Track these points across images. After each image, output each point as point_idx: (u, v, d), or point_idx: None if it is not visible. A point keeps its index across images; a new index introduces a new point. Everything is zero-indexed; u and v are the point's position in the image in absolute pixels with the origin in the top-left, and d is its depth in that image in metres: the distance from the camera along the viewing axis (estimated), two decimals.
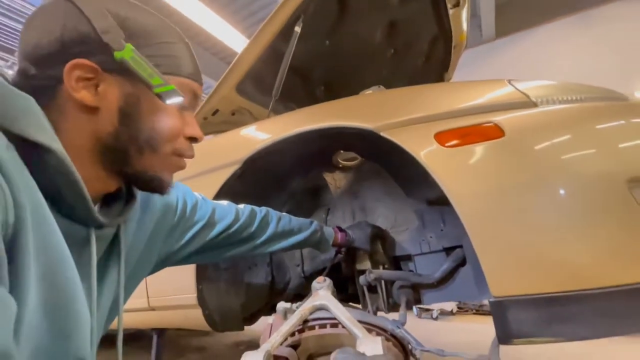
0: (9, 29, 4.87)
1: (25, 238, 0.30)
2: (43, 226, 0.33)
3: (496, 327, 0.66)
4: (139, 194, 0.51)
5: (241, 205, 0.78)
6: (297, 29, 1.28)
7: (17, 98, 0.34)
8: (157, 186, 0.46)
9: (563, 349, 1.92)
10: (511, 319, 0.64)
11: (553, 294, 0.64)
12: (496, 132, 0.69)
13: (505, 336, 0.65)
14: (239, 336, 2.74)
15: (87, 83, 0.38)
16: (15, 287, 0.29)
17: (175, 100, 0.43)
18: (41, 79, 0.38)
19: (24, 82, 0.38)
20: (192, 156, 0.49)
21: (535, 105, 0.72)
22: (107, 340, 0.53)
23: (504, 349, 0.81)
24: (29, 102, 0.35)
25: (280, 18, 1.25)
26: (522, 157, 0.67)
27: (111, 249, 0.47)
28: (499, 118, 0.70)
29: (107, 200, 0.47)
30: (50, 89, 0.38)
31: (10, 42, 5.08)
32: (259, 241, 0.77)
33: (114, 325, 0.50)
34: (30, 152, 0.33)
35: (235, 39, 4.97)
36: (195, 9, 4.31)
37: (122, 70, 0.39)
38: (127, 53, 0.38)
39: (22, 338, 0.29)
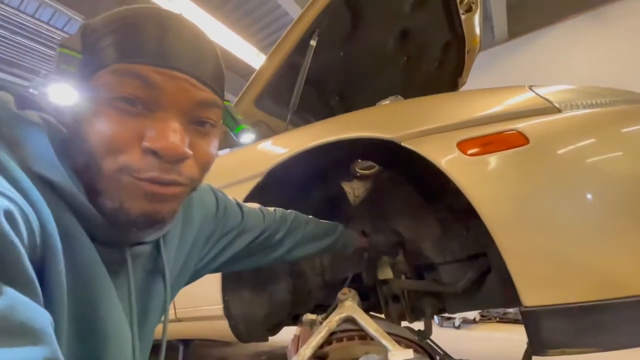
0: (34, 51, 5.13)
1: (56, 262, 0.30)
2: (76, 251, 0.33)
3: (529, 337, 0.65)
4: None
5: (271, 209, 0.77)
6: (313, 42, 1.30)
7: (22, 127, 0.32)
8: (130, 220, 0.35)
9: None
10: (545, 329, 0.63)
11: (587, 302, 0.62)
12: (520, 139, 0.69)
13: (539, 346, 0.64)
14: (258, 347, 2.75)
15: None
16: (48, 310, 0.28)
17: (60, 97, 0.33)
18: None
19: None
20: (164, 180, 0.35)
21: (558, 110, 0.71)
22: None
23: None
24: (31, 130, 0.33)
25: (296, 33, 1.28)
26: (549, 164, 0.66)
27: (154, 263, 0.46)
28: (522, 125, 0.70)
29: None
30: None
31: (36, 64, 5.34)
32: (289, 246, 0.75)
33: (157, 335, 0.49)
34: (44, 181, 0.31)
35: (247, 52, 5.08)
36: (209, 25, 4.44)
37: None
38: (60, 55, 0.33)
39: None
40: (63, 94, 0.34)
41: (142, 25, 0.35)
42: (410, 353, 0.59)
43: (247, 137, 0.49)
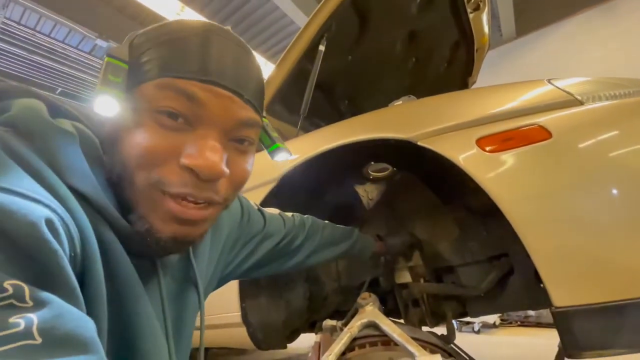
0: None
1: (96, 270, 0.30)
2: (113, 261, 0.33)
3: (562, 339, 0.62)
4: None
5: (289, 214, 0.77)
6: (322, 47, 1.31)
7: (55, 137, 0.32)
8: (155, 240, 0.35)
9: None
10: (578, 330, 0.60)
11: (621, 301, 0.59)
12: (542, 133, 0.67)
13: (573, 348, 0.61)
14: (275, 354, 2.72)
15: None
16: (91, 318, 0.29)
17: (106, 109, 0.33)
18: None
19: None
20: (193, 195, 0.34)
21: (581, 103, 0.69)
22: None
23: None
24: (64, 140, 0.32)
25: (304, 39, 1.28)
26: (574, 158, 0.64)
27: (185, 273, 0.46)
28: (543, 119, 0.68)
29: None
30: None
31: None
32: (307, 251, 0.75)
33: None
34: (76, 192, 0.31)
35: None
36: None
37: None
38: (107, 65, 0.34)
39: None
40: (105, 104, 0.33)
41: (188, 40, 0.35)
42: (438, 358, 0.57)
43: (281, 156, 0.48)
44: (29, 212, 0.24)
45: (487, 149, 0.70)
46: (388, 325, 0.70)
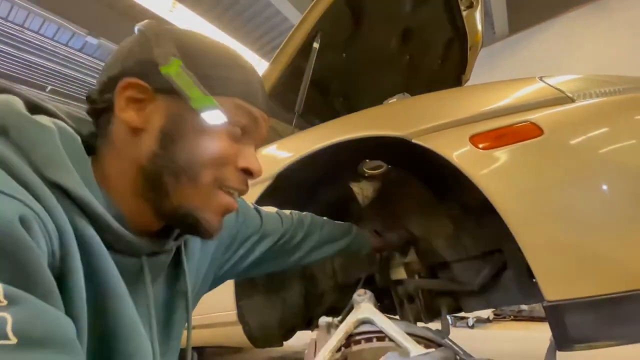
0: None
1: (75, 268, 0.29)
2: (93, 258, 0.32)
3: (553, 332, 0.64)
4: None
5: (287, 212, 0.77)
6: (316, 45, 1.31)
7: (33, 131, 0.32)
8: (196, 226, 0.39)
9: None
10: (570, 324, 0.61)
11: (613, 294, 0.60)
12: (534, 130, 0.67)
13: (564, 341, 0.62)
14: (270, 352, 2.73)
15: (137, 104, 0.37)
16: (70, 317, 0.28)
17: (217, 117, 0.37)
18: (99, 102, 0.38)
19: (88, 107, 0.39)
20: (243, 191, 0.43)
21: (572, 100, 0.70)
22: None
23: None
24: (43, 134, 0.32)
25: (299, 36, 1.28)
26: (566, 154, 0.65)
27: (175, 275, 0.46)
28: (535, 116, 0.69)
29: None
30: (106, 113, 0.38)
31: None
32: (307, 248, 0.75)
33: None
34: (56, 187, 0.31)
35: (249, 59, 5.12)
36: (211, 33, 4.49)
37: (171, 90, 0.36)
38: (173, 68, 0.36)
39: None
40: (216, 117, 0.39)
41: (246, 69, 0.43)
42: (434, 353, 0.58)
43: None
44: (2, 209, 0.23)
45: (481, 146, 0.70)
46: (383, 321, 0.70)
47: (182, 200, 0.38)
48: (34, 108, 0.36)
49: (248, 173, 0.42)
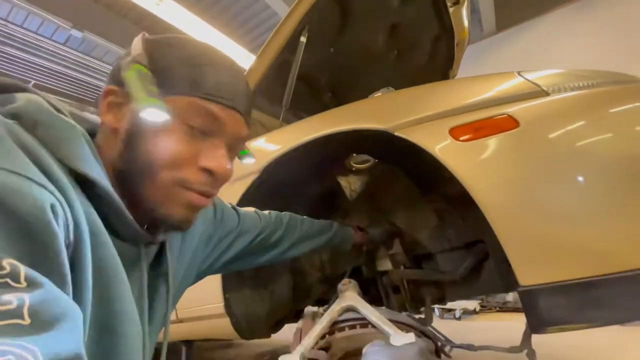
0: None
1: (85, 257, 0.31)
2: (101, 247, 0.34)
3: (527, 316, 0.66)
4: None
5: (266, 212, 0.80)
6: (303, 39, 1.31)
7: (62, 128, 0.35)
8: (163, 220, 0.41)
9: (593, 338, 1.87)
10: (542, 307, 0.64)
11: (582, 279, 0.63)
12: (510, 123, 0.70)
13: (537, 325, 0.65)
14: (262, 347, 2.75)
15: (114, 108, 0.41)
16: (77, 304, 0.29)
17: (157, 117, 0.37)
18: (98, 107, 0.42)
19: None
20: (207, 193, 0.42)
21: (547, 94, 0.72)
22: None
23: (535, 340, 0.80)
24: (72, 131, 0.35)
25: (286, 30, 1.28)
26: (539, 146, 0.68)
27: (158, 265, 0.48)
28: (512, 109, 0.71)
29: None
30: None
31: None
32: (287, 245, 0.79)
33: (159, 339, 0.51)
34: (81, 179, 0.34)
35: (237, 54, 5.07)
36: (198, 28, 4.43)
37: None
38: (130, 72, 0.38)
39: None
40: (155, 115, 0.38)
41: (214, 67, 0.42)
42: (411, 337, 0.60)
43: (248, 160, 0.53)
44: (38, 196, 0.25)
45: (460, 138, 0.72)
46: (366, 309, 0.72)
47: (147, 196, 0.40)
48: (54, 108, 0.38)
49: (210, 173, 0.41)
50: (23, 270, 0.23)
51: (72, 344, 0.23)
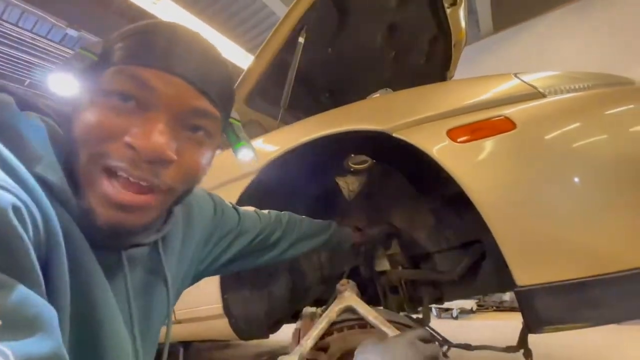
0: None
1: (59, 259, 0.30)
2: (76, 251, 0.33)
3: (524, 316, 0.67)
4: (179, 209, 0.50)
5: (265, 211, 0.79)
6: (301, 39, 1.31)
7: (24, 129, 0.33)
8: (94, 224, 0.35)
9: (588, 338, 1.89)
10: (538, 307, 0.64)
11: (578, 279, 0.64)
12: (507, 124, 0.70)
13: (534, 324, 0.66)
14: (259, 347, 2.75)
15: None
16: (53, 307, 0.28)
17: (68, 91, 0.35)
18: None
19: None
20: (127, 171, 0.34)
21: (543, 95, 0.73)
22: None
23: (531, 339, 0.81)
24: (33, 132, 0.33)
25: (284, 30, 1.28)
26: (535, 147, 0.68)
27: (154, 266, 0.46)
28: (509, 111, 0.72)
29: None
30: None
31: None
32: (286, 245, 0.78)
33: (161, 339, 0.49)
34: (44, 183, 0.31)
35: (235, 53, 5.06)
36: (195, 27, 4.41)
37: None
38: (71, 57, 0.37)
39: None
40: (60, 82, 0.36)
41: (152, 34, 0.37)
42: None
43: (245, 153, 0.50)
44: None
45: (457, 139, 0.73)
46: (364, 309, 0.72)
47: (77, 187, 0.35)
48: (25, 105, 0.37)
49: (135, 151, 0.34)
50: None
51: (49, 344, 0.23)
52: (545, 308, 0.64)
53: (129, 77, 0.35)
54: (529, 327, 0.67)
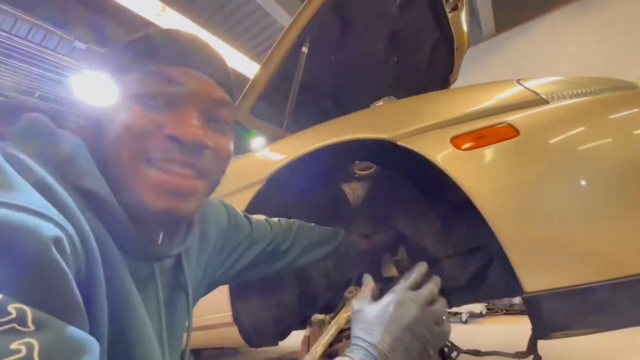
0: None
1: (99, 287, 0.30)
2: (112, 272, 0.33)
3: (532, 322, 0.67)
4: (198, 220, 0.51)
5: (275, 219, 0.80)
6: (304, 49, 1.34)
7: (64, 145, 0.34)
8: (147, 214, 0.36)
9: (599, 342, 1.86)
10: (546, 313, 0.65)
11: (586, 284, 0.64)
12: (510, 131, 0.71)
13: (542, 330, 0.66)
14: (269, 354, 2.75)
15: None
16: (92, 332, 0.28)
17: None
18: None
19: None
20: (185, 172, 0.37)
21: (546, 102, 0.74)
22: None
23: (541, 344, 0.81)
24: (73, 147, 0.35)
25: (287, 41, 1.31)
26: (540, 154, 0.69)
27: (176, 278, 0.47)
28: (512, 118, 0.73)
29: (169, 228, 0.44)
30: None
31: None
32: (296, 253, 0.78)
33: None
34: (85, 195, 0.33)
35: (239, 61, 5.12)
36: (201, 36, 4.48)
37: None
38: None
39: None
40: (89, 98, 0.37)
41: (161, 36, 0.41)
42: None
43: (258, 141, 0.51)
44: (38, 231, 0.24)
45: (462, 147, 0.74)
46: None
47: (121, 185, 0.36)
48: (59, 123, 0.38)
49: (178, 142, 0.37)
50: (30, 312, 0.22)
51: None
52: (553, 314, 0.65)
53: (157, 76, 0.37)
54: (536, 333, 0.67)
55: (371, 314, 0.49)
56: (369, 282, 0.58)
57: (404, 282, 0.55)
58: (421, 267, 0.58)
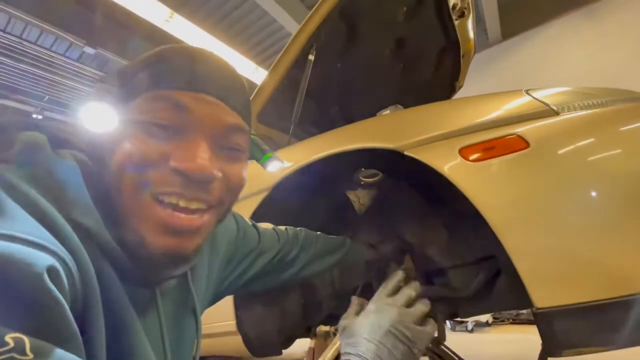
0: None
1: (97, 312, 0.30)
2: (110, 298, 0.32)
3: (543, 338, 0.65)
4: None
5: (282, 227, 0.79)
6: (311, 57, 1.34)
7: (57, 172, 0.32)
8: (144, 254, 0.34)
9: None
10: (558, 330, 0.63)
11: (600, 301, 0.63)
12: (520, 143, 0.70)
13: (554, 348, 0.64)
14: None
15: None
16: (90, 358, 0.28)
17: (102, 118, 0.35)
18: None
19: None
20: (189, 208, 0.35)
21: (556, 113, 0.73)
22: None
23: None
24: (67, 174, 0.33)
25: (294, 49, 1.31)
26: (550, 166, 0.68)
27: (183, 296, 0.46)
28: (521, 129, 0.72)
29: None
30: None
31: None
32: (302, 263, 0.77)
33: None
34: (79, 227, 0.31)
35: (245, 67, 5.16)
36: (207, 42, 4.53)
37: None
38: (93, 90, 0.38)
39: None
40: (97, 124, 0.35)
41: (173, 58, 0.37)
42: None
43: (273, 165, 0.49)
44: (32, 262, 0.23)
45: (470, 158, 0.73)
46: None
47: (120, 218, 0.34)
48: (57, 141, 0.37)
49: (183, 175, 0.34)
50: (28, 341, 0.22)
51: None
52: (565, 331, 0.63)
53: (163, 102, 0.35)
54: (547, 351, 0.65)
55: (353, 327, 0.51)
56: (353, 302, 0.59)
57: (382, 291, 0.55)
58: (397, 275, 0.58)
